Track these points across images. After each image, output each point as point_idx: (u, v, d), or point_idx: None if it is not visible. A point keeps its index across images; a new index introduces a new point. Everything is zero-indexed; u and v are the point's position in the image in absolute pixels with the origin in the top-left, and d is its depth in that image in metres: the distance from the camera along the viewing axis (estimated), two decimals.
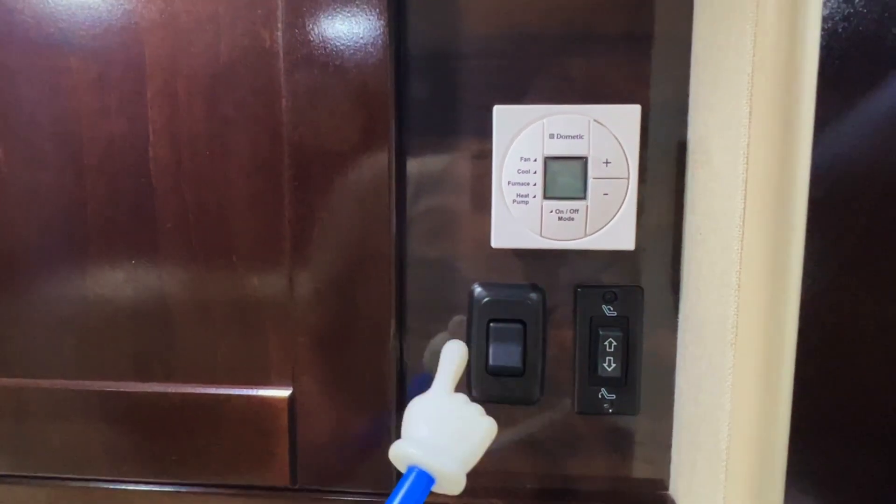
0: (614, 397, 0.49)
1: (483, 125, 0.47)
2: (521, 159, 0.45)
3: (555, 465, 0.51)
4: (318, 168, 0.47)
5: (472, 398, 0.50)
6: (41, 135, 0.49)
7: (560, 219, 0.45)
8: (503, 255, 0.49)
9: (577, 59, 0.47)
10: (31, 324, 0.51)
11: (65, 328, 0.51)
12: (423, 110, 0.49)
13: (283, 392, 0.49)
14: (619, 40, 0.47)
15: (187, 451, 0.50)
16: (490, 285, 0.49)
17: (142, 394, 0.50)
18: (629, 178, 0.44)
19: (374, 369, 0.48)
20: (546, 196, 0.45)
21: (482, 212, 0.48)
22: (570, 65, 0.47)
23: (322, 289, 0.48)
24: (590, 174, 0.44)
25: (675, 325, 0.49)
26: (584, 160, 0.44)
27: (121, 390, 0.51)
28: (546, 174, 0.45)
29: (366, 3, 0.45)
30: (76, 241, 0.50)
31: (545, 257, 0.49)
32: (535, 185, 0.45)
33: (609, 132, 0.44)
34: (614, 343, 0.48)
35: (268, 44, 0.46)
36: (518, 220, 0.45)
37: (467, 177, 0.49)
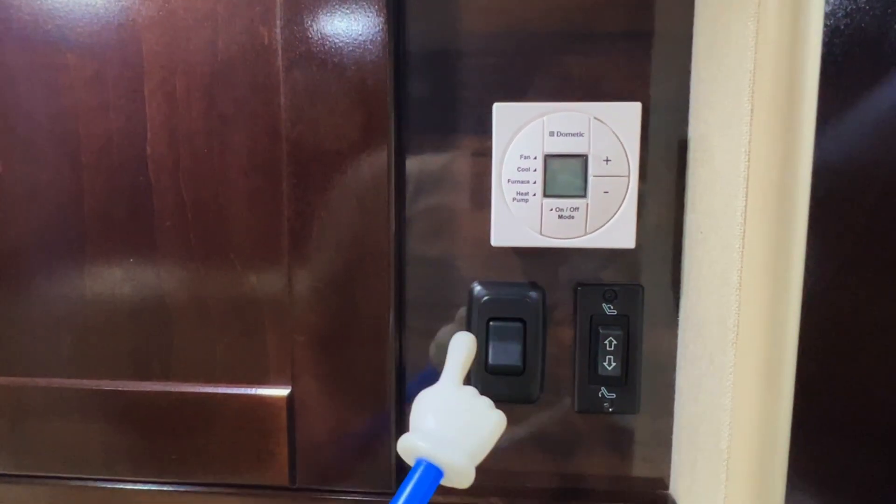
0: (614, 396, 0.49)
1: (483, 123, 0.47)
2: (521, 157, 0.44)
3: (554, 464, 0.51)
4: (316, 166, 0.46)
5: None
6: (38, 132, 0.49)
7: (560, 217, 0.45)
8: (503, 254, 0.49)
9: (577, 56, 0.47)
10: (29, 322, 0.51)
11: (63, 327, 0.51)
12: (422, 108, 0.49)
13: (282, 391, 0.49)
14: (619, 38, 0.47)
15: (186, 451, 0.50)
16: (490, 284, 0.49)
17: (140, 392, 0.50)
18: (629, 176, 0.44)
19: (373, 368, 0.48)
20: (546, 194, 0.45)
21: (482, 210, 0.48)
22: (571, 62, 0.47)
23: (321, 287, 0.48)
24: (590, 172, 0.44)
25: (675, 324, 0.49)
26: (584, 158, 0.44)
27: (119, 389, 0.50)
28: (546, 172, 0.44)
29: (365, 0, 0.45)
30: (74, 239, 0.50)
31: (545, 256, 0.49)
32: (535, 183, 0.45)
33: (609, 130, 0.44)
34: (614, 342, 0.48)
35: (266, 41, 0.46)
36: (518, 218, 0.45)
37: (467, 175, 0.49)
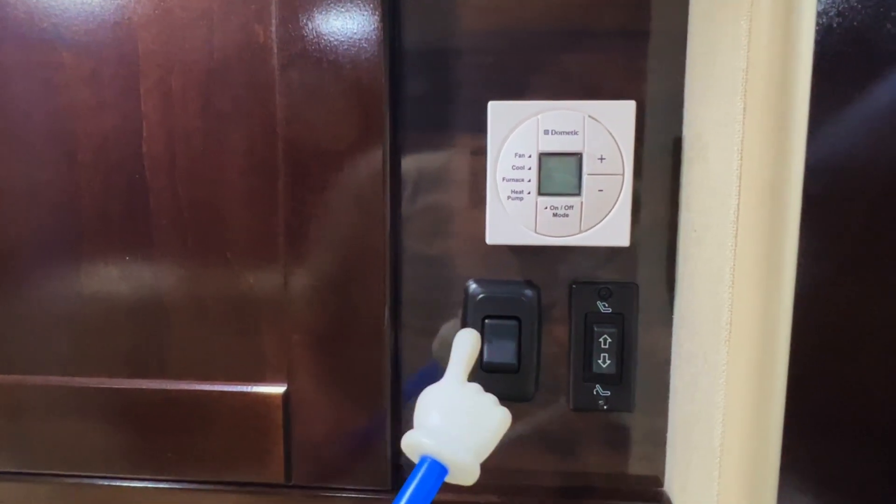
0: (609, 394, 0.49)
1: (478, 121, 0.47)
2: (516, 155, 0.45)
3: (550, 462, 0.51)
4: (312, 164, 0.46)
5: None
6: (34, 131, 0.49)
7: (555, 215, 0.45)
8: (498, 252, 0.49)
9: (572, 54, 0.47)
10: (25, 320, 0.51)
11: (60, 325, 0.51)
12: (418, 106, 0.49)
13: (278, 389, 0.49)
14: (614, 36, 0.47)
15: (182, 448, 0.50)
16: (485, 282, 0.49)
17: (137, 390, 0.50)
18: (624, 175, 0.44)
19: (369, 366, 0.48)
20: (541, 192, 0.45)
21: (477, 208, 0.48)
22: (566, 61, 0.47)
23: (317, 285, 0.48)
24: (584, 170, 0.44)
25: (670, 322, 0.49)
26: (578, 156, 0.44)
27: (116, 387, 0.51)
28: (541, 170, 0.45)
29: None
30: (70, 238, 0.50)
31: (540, 254, 0.49)
32: (529, 181, 0.45)
33: (604, 128, 0.44)
34: (609, 340, 0.48)
35: (262, 39, 0.46)
36: (513, 216, 0.45)
37: (462, 173, 0.49)
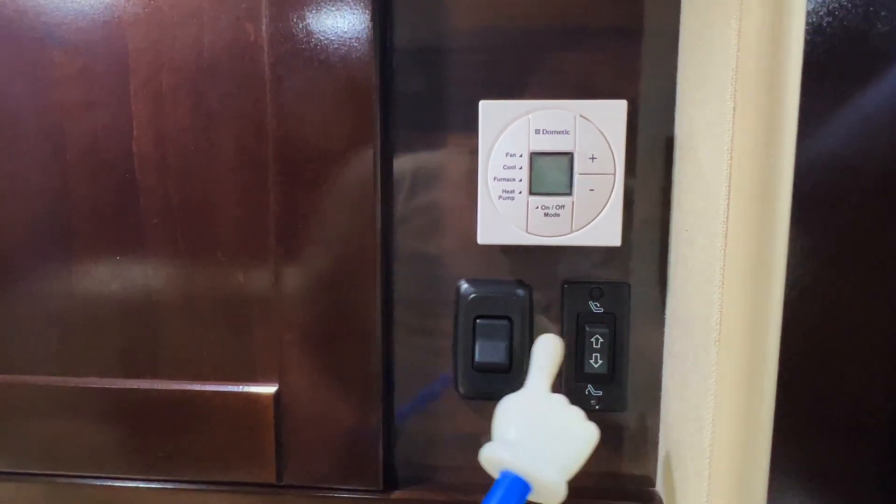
0: (601, 394, 0.49)
1: (470, 120, 0.47)
2: (507, 155, 0.44)
3: None
4: (303, 163, 0.46)
5: (458, 394, 0.50)
6: (24, 129, 0.48)
7: (546, 215, 0.45)
8: (490, 252, 0.49)
9: (564, 53, 0.47)
10: (16, 320, 0.51)
11: (50, 324, 0.51)
12: (409, 105, 0.48)
13: (269, 388, 0.49)
14: (606, 35, 0.46)
15: (173, 448, 0.50)
16: (477, 281, 0.49)
17: (128, 390, 0.50)
18: (615, 174, 0.44)
19: (361, 365, 0.48)
20: (532, 192, 0.45)
21: (469, 207, 0.48)
22: (558, 59, 0.47)
23: (308, 285, 0.48)
24: (576, 170, 0.44)
25: (662, 322, 0.49)
26: (570, 156, 0.44)
27: (106, 387, 0.50)
28: (532, 170, 0.44)
29: None
30: (61, 237, 0.50)
31: (532, 253, 0.49)
32: (520, 180, 0.44)
33: (595, 127, 0.44)
34: (601, 339, 0.48)
35: (252, 38, 0.46)
36: (504, 216, 0.45)
37: (454, 172, 0.49)
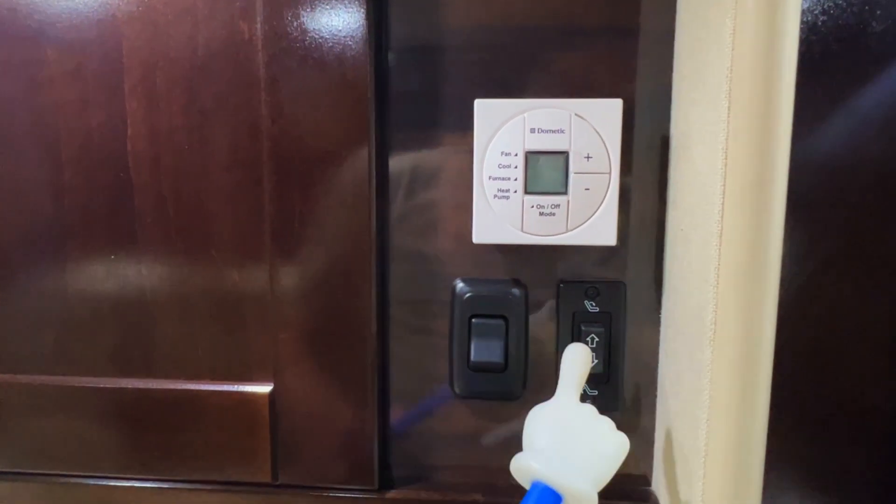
0: (597, 393, 0.49)
1: (465, 119, 0.46)
2: (502, 154, 0.44)
3: None
4: (297, 162, 0.46)
5: (454, 394, 0.50)
6: (18, 128, 0.48)
7: (541, 214, 0.44)
8: (486, 251, 0.49)
9: (560, 52, 0.47)
10: (10, 319, 0.51)
11: (45, 324, 0.51)
12: (405, 104, 0.48)
13: (265, 388, 0.49)
14: (602, 33, 0.46)
15: (168, 447, 0.50)
16: (472, 281, 0.49)
17: (122, 389, 0.50)
18: (611, 173, 0.44)
19: (356, 365, 0.48)
20: (527, 191, 0.44)
21: (464, 207, 0.48)
22: (554, 58, 0.47)
23: (303, 284, 0.48)
24: (571, 169, 0.44)
25: (657, 321, 0.49)
26: (565, 155, 0.44)
27: (101, 386, 0.50)
28: (527, 169, 0.44)
29: None
30: (55, 236, 0.49)
31: (527, 252, 0.49)
32: (516, 179, 0.44)
33: (590, 126, 0.44)
34: (596, 339, 0.48)
35: (247, 36, 0.46)
36: (499, 215, 0.45)
37: (449, 171, 0.48)
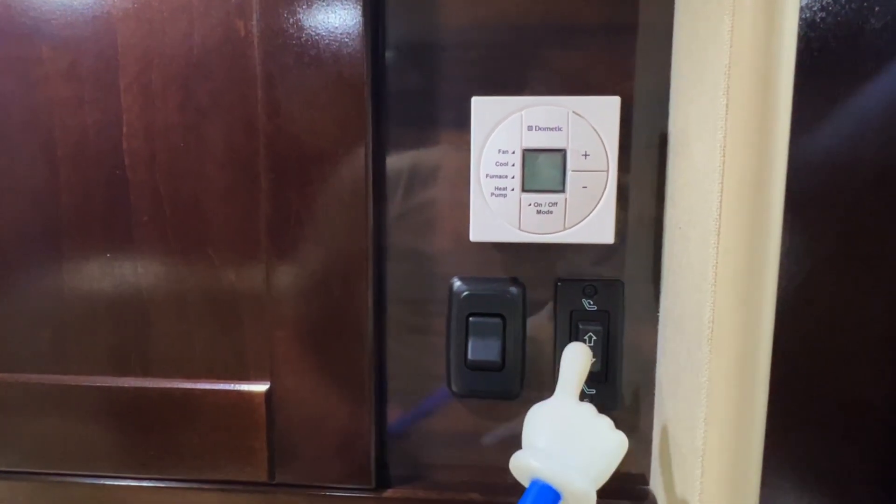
0: (595, 392, 0.49)
1: (462, 117, 0.46)
2: (500, 151, 0.44)
3: None
4: (294, 160, 0.46)
5: (451, 392, 0.50)
6: (12, 126, 0.48)
7: (539, 212, 0.44)
8: (483, 249, 0.49)
9: (557, 49, 0.46)
10: (6, 318, 0.51)
11: (40, 322, 0.50)
12: (402, 102, 0.48)
13: (261, 387, 0.49)
14: (600, 31, 0.46)
15: (165, 446, 0.50)
16: (469, 279, 0.49)
17: (119, 388, 0.50)
18: (609, 171, 0.44)
19: (353, 364, 0.48)
20: (524, 189, 0.44)
21: (461, 205, 0.48)
22: (551, 56, 0.46)
23: (300, 282, 0.47)
24: (569, 167, 0.44)
25: (655, 320, 0.48)
26: (562, 152, 0.44)
27: (97, 385, 0.50)
28: (524, 167, 0.44)
29: None
30: (50, 234, 0.49)
31: (525, 251, 0.48)
32: (513, 177, 0.44)
33: (588, 124, 0.43)
34: (594, 337, 0.48)
35: (242, 33, 0.46)
36: (496, 213, 0.45)
37: (447, 169, 0.48)
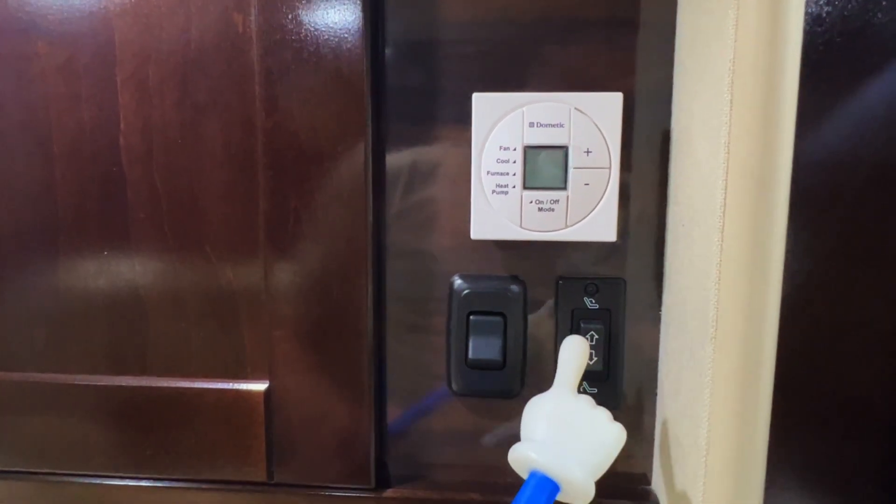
0: (596, 391, 0.48)
1: (463, 114, 0.46)
2: (501, 148, 0.44)
3: None
4: (292, 157, 0.45)
5: (451, 392, 0.49)
6: (9, 122, 0.47)
7: (540, 209, 0.44)
8: (484, 247, 0.48)
9: (559, 45, 0.46)
10: (1, 316, 0.50)
11: (36, 320, 0.50)
12: (402, 98, 0.48)
13: (260, 385, 0.48)
14: (602, 26, 0.46)
15: (162, 446, 0.49)
16: (470, 277, 0.48)
17: (116, 387, 0.49)
18: (611, 168, 0.43)
19: (352, 363, 0.47)
20: (526, 186, 0.44)
21: (462, 202, 0.47)
22: (553, 52, 0.46)
23: (298, 281, 0.47)
24: (570, 164, 0.43)
25: (657, 318, 0.48)
26: (564, 149, 0.43)
27: (94, 384, 0.50)
28: (526, 164, 0.44)
29: None
30: (46, 232, 0.49)
31: (526, 248, 0.48)
32: (514, 174, 0.44)
33: (590, 121, 0.43)
34: (596, 336, 0.47)
35: (241, 28, 0.45)
36: (498, 210, 0.44)
37: (447, 166, 0.48)
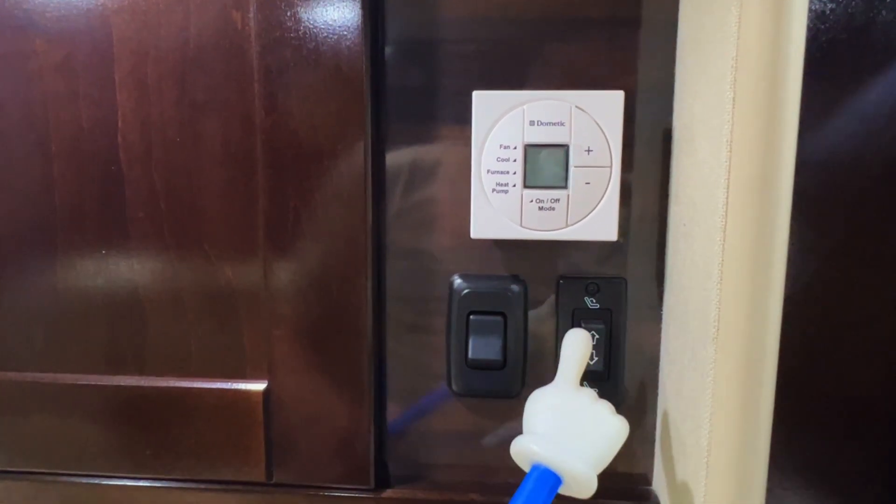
0: (597, 391, 0.48)
1: (463, 112, 0.45)
2: (501, 147, 0.43)
3: None
4: (292, 156, 0.45)
5: (451, 392, 0.49)
6: (6, 120, 0.47)
7: (541, 208, 0.44)
8: (484, 246, 0.48)
9: (560, 43, 0.46)
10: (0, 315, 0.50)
11: (35, 320, 0.50)
12: (402, 96, 0.47)
13: (259, 385, 0.48)
14: (603, 24, 0.45)
15: (161, 446, 0.49)
16: (470, 276, 0.48)
17: (114, 387, 0.49)
18: (612, 167, 0.43)
19: (352, 362, 0.47)
20: (526, 185, 0.44)
21: (462, 201, 0.47)
22: (553, 49, 0.46)
23: (298, 280, 0.47)
24: (571, 162, 0.43)
25: (659, 318, 0.48)
26: (565, 148, 0.43)
27: (92, 383, 0.49)
28: (526, 162, 0.43)
29: None
30: (45, 231, 0.48)
31: (527, 248, 0.48)
32: (514, 173, 0.43)
33: (591, 119, 0.43)
34: (597, 336, 0.47)
35: (239, 26, 0.45)
36: (498, 209, 0.44)
37: (447, 165, 0.47)
